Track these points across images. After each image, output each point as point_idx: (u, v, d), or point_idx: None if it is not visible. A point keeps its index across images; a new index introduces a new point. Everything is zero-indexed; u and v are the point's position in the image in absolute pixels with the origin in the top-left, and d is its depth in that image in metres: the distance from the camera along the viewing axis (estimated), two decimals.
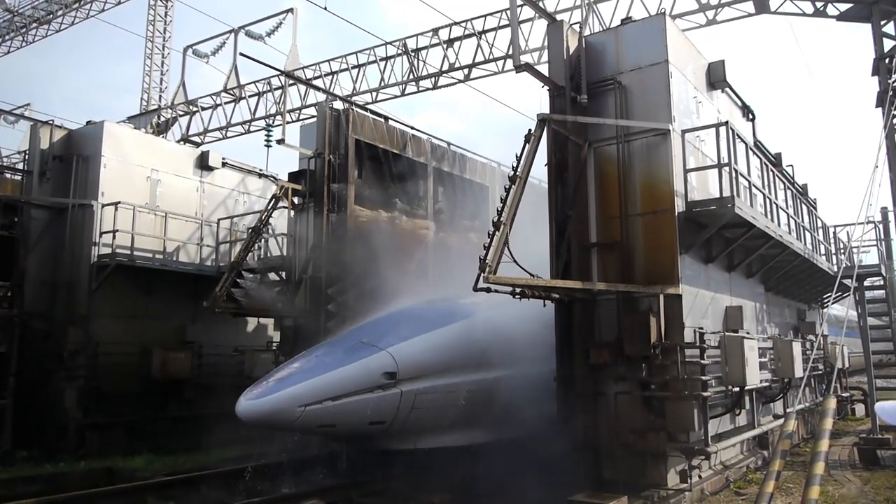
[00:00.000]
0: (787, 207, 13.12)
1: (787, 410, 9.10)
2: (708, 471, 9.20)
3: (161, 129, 21.93)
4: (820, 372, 14.58)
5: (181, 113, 22.14)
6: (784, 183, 13.61)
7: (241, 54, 15.64)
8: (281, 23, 19.66)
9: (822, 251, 15.84)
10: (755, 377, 8.97)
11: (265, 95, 20.71)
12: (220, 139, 21.70)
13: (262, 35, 19.90)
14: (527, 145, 8.17)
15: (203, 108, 21.78)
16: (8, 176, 17.88)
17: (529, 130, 8.31)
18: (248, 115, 20.96)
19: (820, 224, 16.49)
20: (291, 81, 18.69)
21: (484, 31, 16.93)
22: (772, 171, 12.26)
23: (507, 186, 7.87)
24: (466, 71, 17.30)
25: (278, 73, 17.49)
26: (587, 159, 9.24)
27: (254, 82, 20.79)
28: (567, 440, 8.75)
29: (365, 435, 9.22)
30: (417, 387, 9.02)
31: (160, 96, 27.77)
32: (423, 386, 9.10)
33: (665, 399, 8.32)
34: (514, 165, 8.03)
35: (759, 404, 10.96)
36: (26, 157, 15.80)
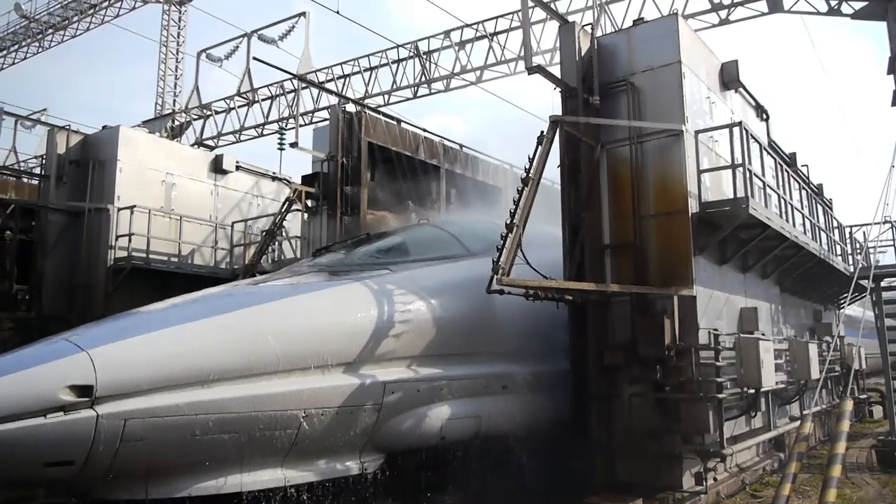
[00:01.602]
0: (803, 208, 13.03)
1: (804, 412, 9.06)
2: (723, 473, 9.15)
3: (175, 133, 22.12)
4: (836, 373, 14.46)
5: (195, 117, 22.33)
6: (799, 183, 13.52)
7: (255, 58, 15.74)
8: (293, 26, 19.80)
9: (838, 252, 15.71)
10: (771, 379, 8.91)
11: (278, 99, 20.86)
12: (233, 143, 21.88)
13: (275, 39, 20.04)
14: (539, 147, 8.17)
15: (217, 112, 21.97)
16: (25, 180, 18.09)
17: (542, 132, 8.31)
18: (261, 118, 21.12)
19: (836, 224, 16.35)
20: (304, 85, 18.80)
21: (495, 33, 16.96)
22: (786, 171, 12.18)
23: (519, 188, 7.87)
24: (478, 73, 17.33)
25: (291, 76, 17.60)
26: (600, 161, 9.23)
27: (267, 86, 20.95)
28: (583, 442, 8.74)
29: (45, 481, 6.12)
30: (139, 406, 5.84)
31: (174, 100, 28.06)
32: (151, 405, 5.89)
33: (680, 401, 8.28)
34: (527, 167, 8.03)
35: (774, 406, 10.89)
36: (43, 161, 16.00)
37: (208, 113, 22.09)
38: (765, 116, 12.93)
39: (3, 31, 30.10)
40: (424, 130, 15.41)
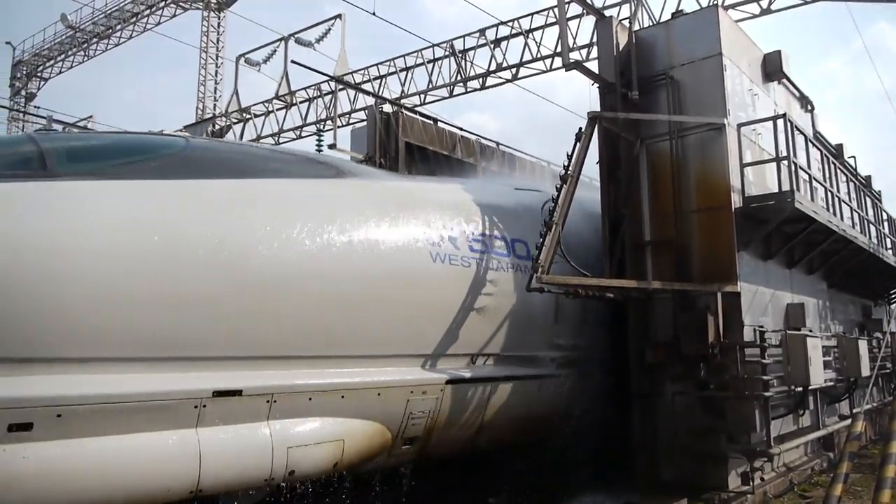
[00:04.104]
0: (850, 200, 12.69)
1: (855, 411, 8.83)
2: (770, 473, 8.97)
3: (216, 137, 22.51)
4: (888, 371, 14.04)
5: (235, 120, 22.69)
6: (846, 175, 13.17)
7: (293, 62, 15.92)
8: (329, 29, 19.96)
9: (889, 245, 15.26)
10: (819, 376, 8.70)
11: (316, 101, 21.05)
12: (272, 145, 22.16)
13: (312, 42, 20.22)
14: (578, 144, 8.12)
15: (256, 115, 22.27)
16: None
17: (580, 129, 8.26)
18: (299, 120, 21.34)
19: (885, 217, 15.89)
20: (341, 86, 18.93)
21: (531, 30, 16.86)
22: (833, 163, 11.88)
23: (558, 186, 7.83)
24: (514, 70, 17.26)
25: (328, 78, 17.75)
26: (639, 156, 9.12)
27: (304, 88, 21.15)
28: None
29: None
30: None
31: (215, 104, 28.52)
32: None
33: (725, 399, 8.15)
34: (566, 164, 7.98)
35: (823, 404, 10.62)
36: None
37: (248, 116, 22.41)
38: (809, 107, 12.63)
39: (50, 42, 31.04)
40: (461, 129, 15.40)
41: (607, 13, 10.45)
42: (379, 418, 6.44)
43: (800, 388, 8.69)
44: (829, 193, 11.15)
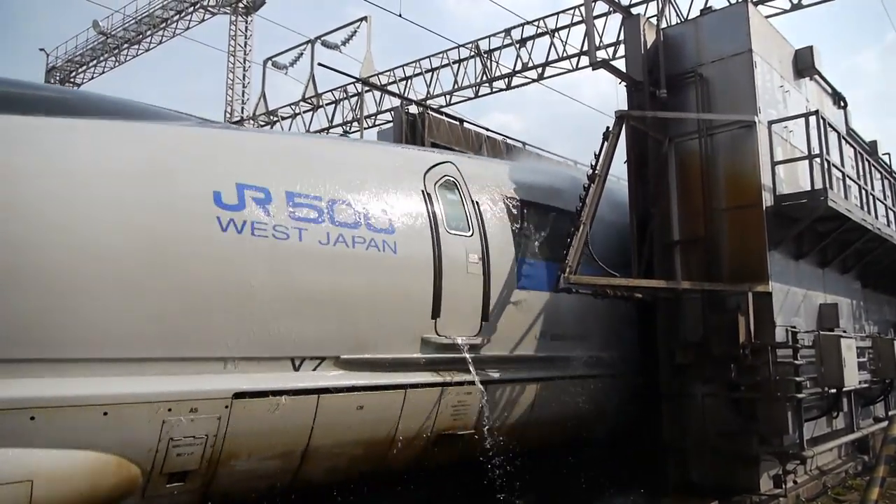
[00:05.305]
0: (885, 198, 12.44)
1: (891, 413, 8.65)
2: (803, 476, 8.81)
3: None
4: None
5: (263, 123, 22.96)
6: (881, 172, 12.92)
7: (320, 64, 16.07)
8: (355, 31, 20.15)
9: None
10: (853, 378, 8.53)
11: (342, 103, 21.24)
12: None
13: (338, 44, 20.45)
14: (605, 143, 8.07)
15: (283, 118, 22.52)
16: None
17: (608, 128, 8.21)
18: (325, 122, 21.55)
19: None
20: (367, 88, 19.06)
21: (556, 29, 16.83)
22: (867, 160, 11.66)
23: (585, 185, 7.79)
24: (540, 70, 17.23)
25: (354, 80, 17.88)
26: (668, 155, 9.03)
27: (331, 90, 21.35)
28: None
29: None
30: None
31: (242, 108, 28.87)
32: None
33: (756, 401, 8.03)
34: (593, 164, 7.94)
35: (857, 406, 10.43)
36: None
37: (275, 119, 22.67)
38: (842, 104, 12.40)
39: (82, 48, 31.68)
40: (487, 129, 15.39)
41: (634, 11, 10.38)
42: (110, 447, 4.48)
43: (833, 390, 8.53)
44: (863, 191, 10.94)
